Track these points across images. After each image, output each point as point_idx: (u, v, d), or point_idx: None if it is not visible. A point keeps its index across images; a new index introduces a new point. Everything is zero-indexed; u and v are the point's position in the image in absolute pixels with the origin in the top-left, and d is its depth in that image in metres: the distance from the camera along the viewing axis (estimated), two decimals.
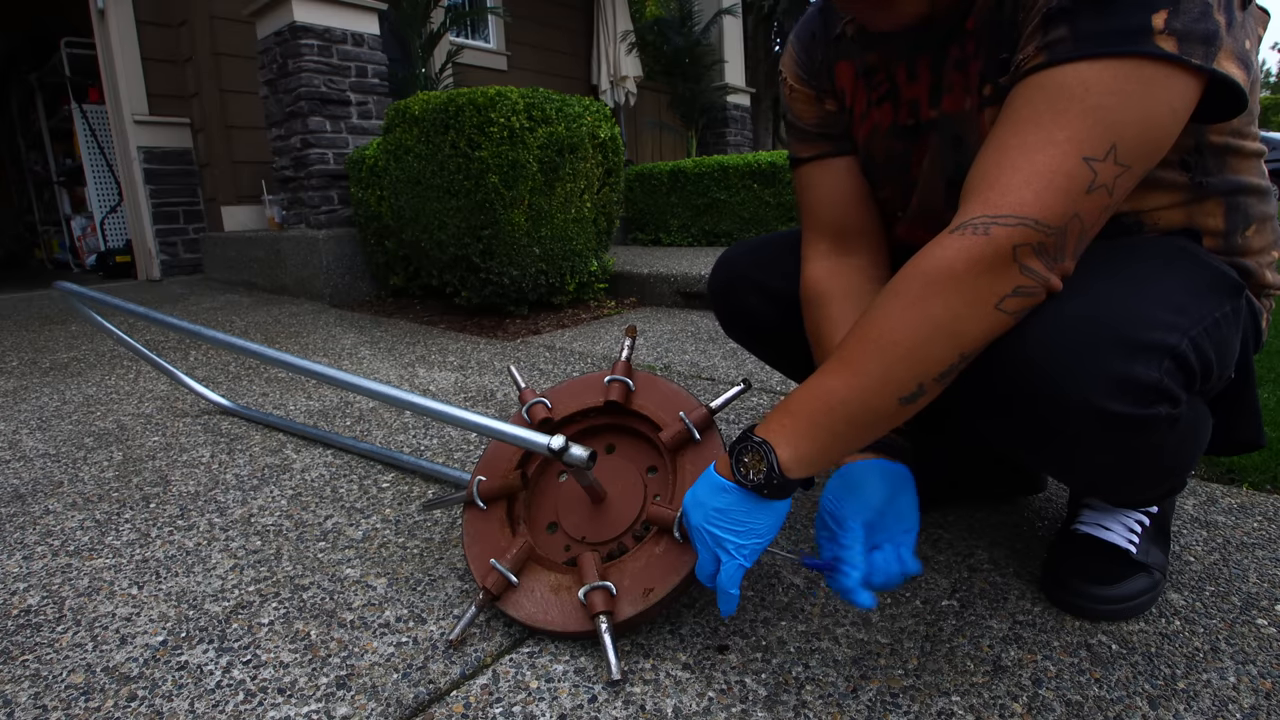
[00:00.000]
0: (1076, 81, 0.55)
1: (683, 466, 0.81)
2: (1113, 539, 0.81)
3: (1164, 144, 0.57)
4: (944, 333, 0.58)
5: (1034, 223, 0.56)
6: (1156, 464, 0.67)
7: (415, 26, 4.06)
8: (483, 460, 0.93)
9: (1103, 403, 0.57)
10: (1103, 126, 0.55)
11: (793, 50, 0.86)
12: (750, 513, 0.63)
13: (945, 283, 0.57)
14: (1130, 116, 0.55)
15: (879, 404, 0.59)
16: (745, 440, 0.63)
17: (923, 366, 0.58)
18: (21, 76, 5.75)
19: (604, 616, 0.71)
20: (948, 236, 0.58)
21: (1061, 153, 0.55)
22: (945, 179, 0.74)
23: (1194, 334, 0.59)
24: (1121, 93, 0.55)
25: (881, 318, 0.60)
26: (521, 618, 0.77)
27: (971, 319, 0.57)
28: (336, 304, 3.17)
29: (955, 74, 0.70)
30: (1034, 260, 0.57)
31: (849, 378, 0.60)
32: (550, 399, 0.93)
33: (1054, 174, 0.56)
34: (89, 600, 0.87)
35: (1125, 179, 0.57)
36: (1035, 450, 0.67)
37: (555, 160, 2.46)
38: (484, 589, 0.78)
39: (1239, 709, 0.63)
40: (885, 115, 0.78)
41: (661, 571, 0.74)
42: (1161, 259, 0.65)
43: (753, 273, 0.92)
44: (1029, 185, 0.56)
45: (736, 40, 6.58)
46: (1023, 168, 0.57)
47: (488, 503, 0.88)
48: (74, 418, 1.62)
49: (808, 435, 0.61)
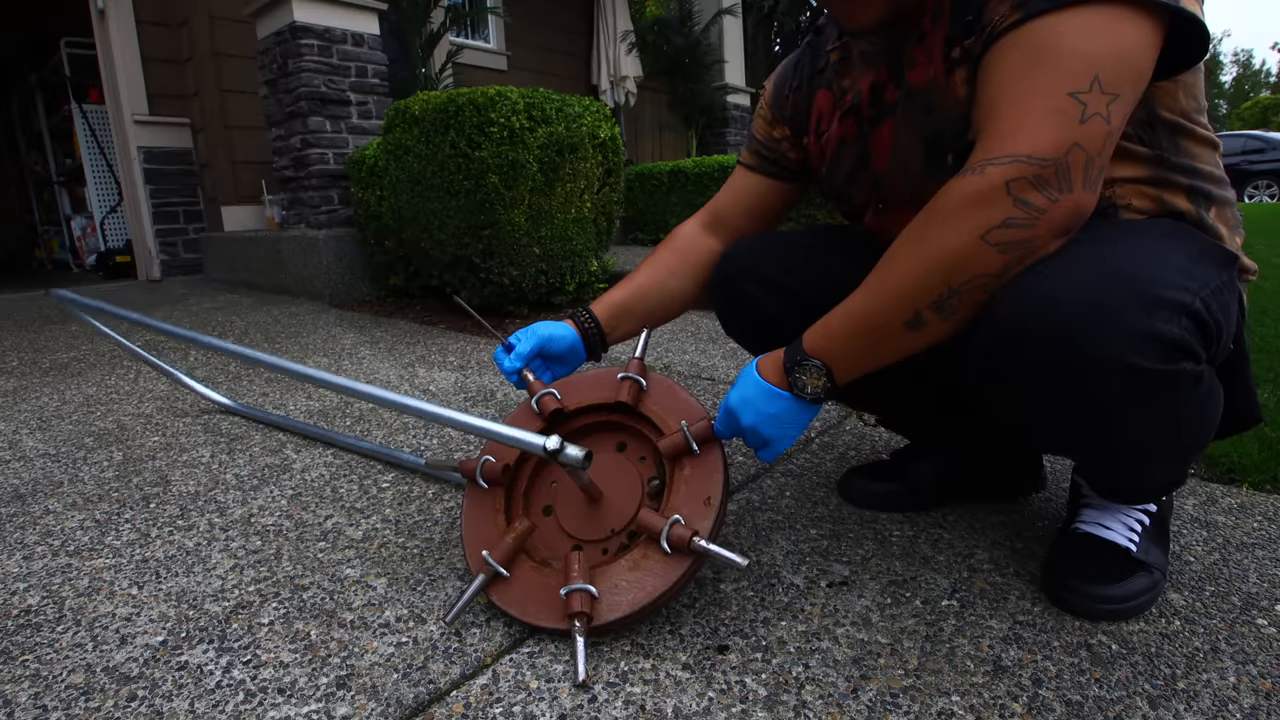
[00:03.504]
0: (1050, 31, 0.60)
1: (679, 476, 0.81)
2: (1113, 538, 0.81)
3: (1143, 70, 0.61)
4: (932, 261, 0.63)
5: (1027, 158, 0.59)
6: (1175, 435, 0.67)
7: (415, 26, 4.06)
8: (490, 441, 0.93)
9: (1132, 359, 0.58)
10: (1081, 62, 0.59)
11: (774, 77, 1.00)
12: (801, 416, 0.76)
13: (939, 216, 0.63)
14: (1104, 49, 0.59)
15: (890, 325, 0.67)
16: (803, 360, 0.73)
17: (917, 291, 0.65)
18: (21, 76, 5.75)
19: (579, 618, 0.72)
20: (954, 180, 0.63)
21: (1047, 92, 0.59)
22: (923, 142, 0.77)
23: (1204, 295, 0.60)
24: (1092, 30, 0.59)
25: (894, 249, 0.67)
26: (503, 604, 0.78)
27: (958, 249, 0.62)
28: (336, 304, 3.17)
29: (917, 50, 0.75)
30: (1031, 193, 0.59)
31: (868, 300, 0.69)
32: (560, 390, 0.93)
33: (1043, 112, 0.59)
34: (89, 600, 0.87)
35: (1118, 105, 0.60)
36: (1055, 420, 0.67)
37: (555, 160, 2.46)
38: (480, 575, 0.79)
39: (1239, 709, 0.63)
40: (849, 126, 0.86)
41: (645, 580, 0.74)
42: (1156, 230, 0.68)
43: (753, 271, 0.92)
44: (1021, 126, 0.60)
45: (736, 40, 6.58)
46: (1013, 114, 0.61)
47: (489, 484, 0.89)
48: (74, 418, 1.62)
49: (849, 354, 0.71)
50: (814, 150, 0.94)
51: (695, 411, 0.85)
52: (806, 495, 1.10)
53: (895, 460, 1.09)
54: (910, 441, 1.11)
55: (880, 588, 0.84)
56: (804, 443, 1.32)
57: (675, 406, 0.86)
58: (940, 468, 1.03)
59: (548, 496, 0.89)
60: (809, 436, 1.36)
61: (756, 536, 0.98)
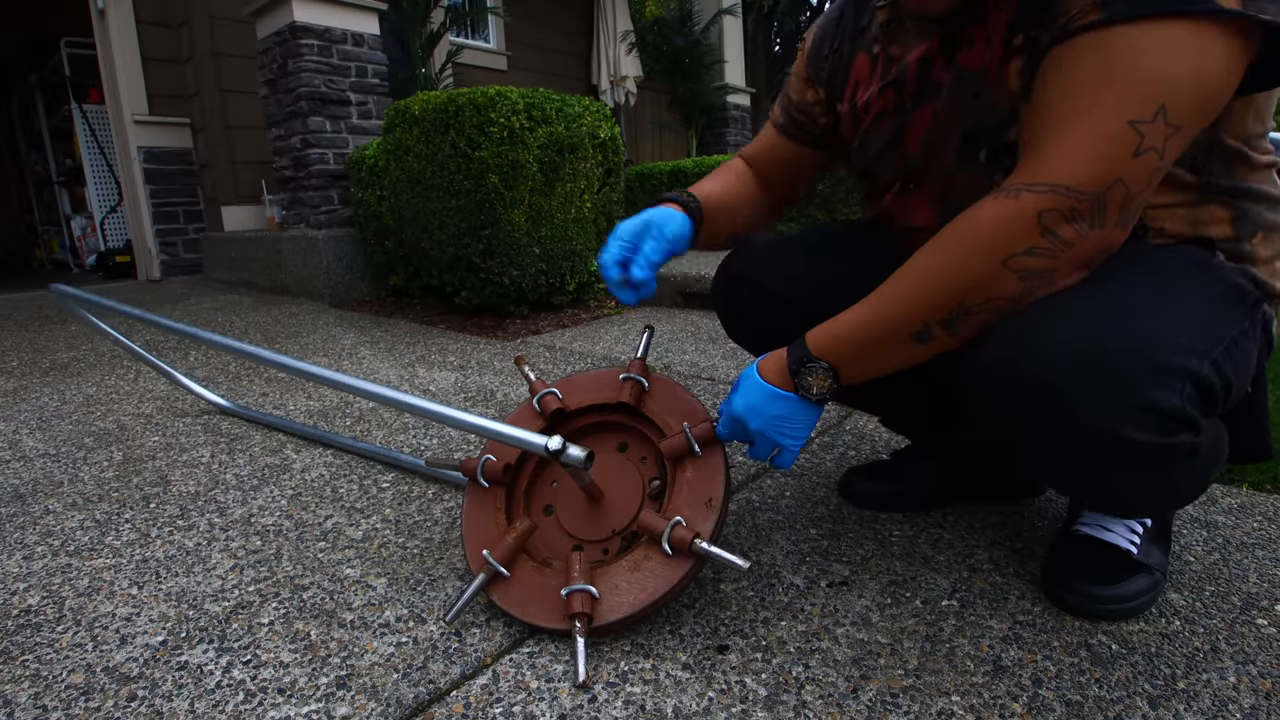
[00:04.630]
0: (1130, 43, 0.54)
1: (680, 477, 0.81)
2: (1114, 540, 0.81)
3: (1219, 99, 0.56)
4: (951, 279, 0.62)
5: (1065, 189, 0.56)
6: (1171, 491, 0.67)
7: (415, 26, 4.05)
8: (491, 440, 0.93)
9: (1126, 431, 0.56)
10: (1153, 87, 0.54)
11: (814, 32, 0.92)
12: (808, 416, 0.74)
13: (966, 235, 0.62)
14: (1183, 73, 0.53)
15: (897, 335, 0.67)
16: (809, 362, 0.72)
17: (928, 304, 0.64)
18: (21, 76, 5.75)
19: (580, 619, 0.72)
20: (987, 199, 0.61)
21: (1106, 117, 0.55)
22: (960, 131, 0.73)
23: (1215, 355, 0.58)
24: (1176, 50, 0.53)
25: (914, 260, 0.66)
26: (504, 604, 0.78)
27: (977, 268, 0.61)
28: (336, 304, 3.17)
29: (976, 28, 0.69)
30: (1063, 226, 0.57)
31: (878, 308, 0.68)
32: (561, 390, 0.93)
33: (1094, 139, 0.56)
34: (89, 600, 0.87)
35: (1176, 140, 0.56)
36: (1045, 463, 0.66)
37: (555, 160, 2.46)
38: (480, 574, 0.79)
39: (1239, 709, 0.63)
40: (889, 100, 0.80)
41: (646, 581, 0.74)
42: (1178, 273, 0.64)
43: (756, 274, 0.92)
44: (1066, 152, 0.57)
45: (736, 40, 6.58)
46: (1064, 134, 0.57)
47: (490, 483, 0.89)
48: (74, 418, 1.62)
49: (855, 357, 0.70)
50: (846, 118, 0.87)
51: (697, 413, 0.85)
52: (806, 495, 1.10)
53: (896, 460, 1.09)
54: (911, 442, 1.11)
55: (880, 588, 0.84)
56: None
57: (677, 407, 0.86)
58: (941, 468, 1.03)
59: (549, 496, 0.89)
60: (809, 437, 1.35)
61: (757, 536, 0.98)
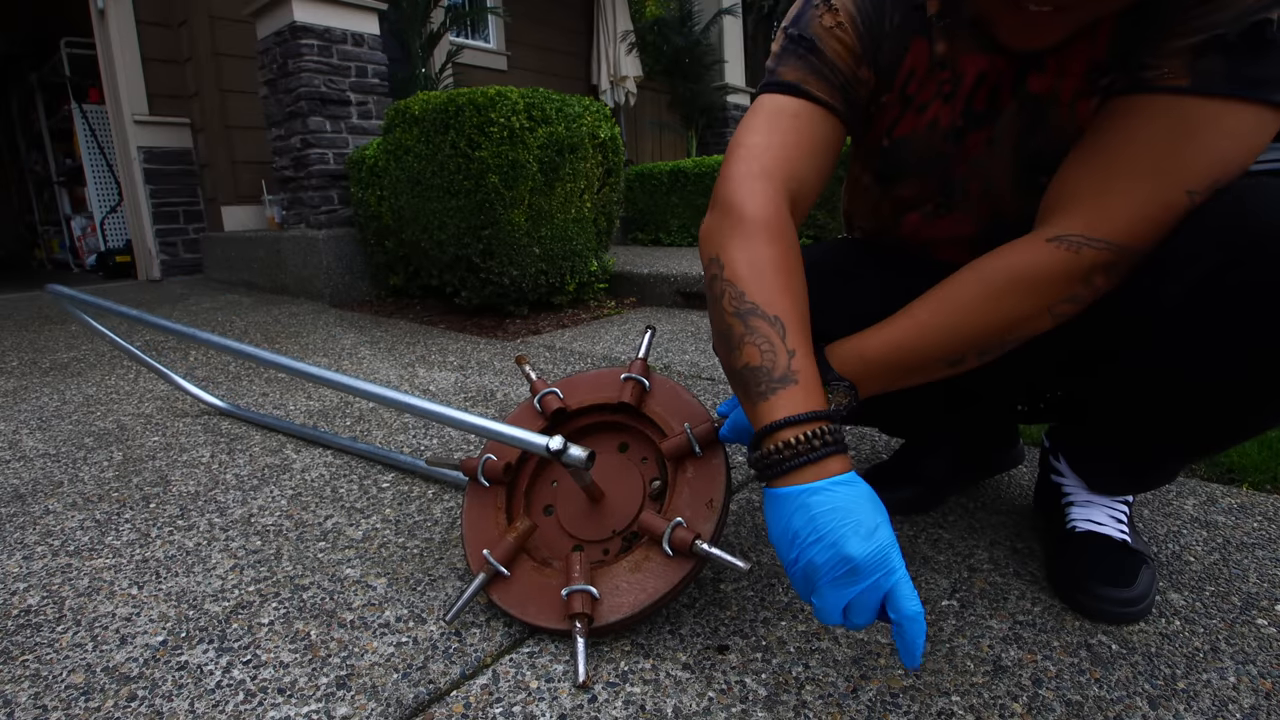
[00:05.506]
0: (1209, 120, 0.57)
1: (681, 478, 0.81)
2: (1107, 532, 0.82)
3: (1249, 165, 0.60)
4: (999, 317, 0.64)
5: (1119, 248, 0.59)
6: None
7: (415, 26, 4.06)
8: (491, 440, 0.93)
9: None
10: (1218, 166, 0.57)
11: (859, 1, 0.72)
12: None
13: (1026, 285, 0.63)
14: (1240, 153, 0.57)
15: (933, 362, 0.67)
16: (832, 380, 0.69)
17: (972, 339, 0.65)
18: (21, 76, 5.75)
19: (580, 619, 0.72)
20: (1044, 244, 0.62)
21: (1170, 184, 0.58)
22: (1020, 161, 0.72)
23: None
24: (1243, 133, 0.57)
25: (960, 293, 0.66)
26: (504, 604, 0.78)
27: (1027, 312, 0.63)
28: (336, 304, 3.17)
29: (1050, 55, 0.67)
30: (1100, 277, 0.61)
31: (920, 337, 0.67)
32: (563, 390, 0.93)
33: (1155, 204, 0.59)
34: (89, 600, 0.87)
35: (1201, 200, 0.59)
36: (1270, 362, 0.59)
37: (555, 160, 2.46)
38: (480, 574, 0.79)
39: (1239, 709, 0.63)
40: (947, 113, 0.73)
41: (646, 582, 0.74)
42: None
43: None
44: (1129, 214, 0.59)
45: (736, 40, 6.58)
46: (1129, 193, 0.59)
47: (491, 482, 0.89)
48: (74, 418, 1.62)
49: (880, 377, 0.69)
50: (889, 111, 0.76)
51: (698, 413, 0.85)
52: None
53: (903, 460, 1.07)
54: (906, 440, 1.11)
55: None
56: None
57: (678, 408, 0.86)
58: (951, 459, 1.02)
59: (549, 496, 0.89)
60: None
61: (757, 536, 0.97)
